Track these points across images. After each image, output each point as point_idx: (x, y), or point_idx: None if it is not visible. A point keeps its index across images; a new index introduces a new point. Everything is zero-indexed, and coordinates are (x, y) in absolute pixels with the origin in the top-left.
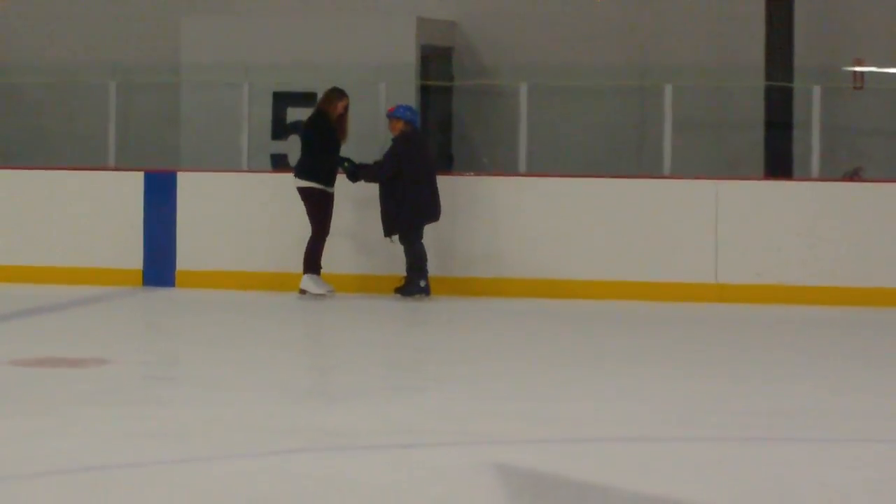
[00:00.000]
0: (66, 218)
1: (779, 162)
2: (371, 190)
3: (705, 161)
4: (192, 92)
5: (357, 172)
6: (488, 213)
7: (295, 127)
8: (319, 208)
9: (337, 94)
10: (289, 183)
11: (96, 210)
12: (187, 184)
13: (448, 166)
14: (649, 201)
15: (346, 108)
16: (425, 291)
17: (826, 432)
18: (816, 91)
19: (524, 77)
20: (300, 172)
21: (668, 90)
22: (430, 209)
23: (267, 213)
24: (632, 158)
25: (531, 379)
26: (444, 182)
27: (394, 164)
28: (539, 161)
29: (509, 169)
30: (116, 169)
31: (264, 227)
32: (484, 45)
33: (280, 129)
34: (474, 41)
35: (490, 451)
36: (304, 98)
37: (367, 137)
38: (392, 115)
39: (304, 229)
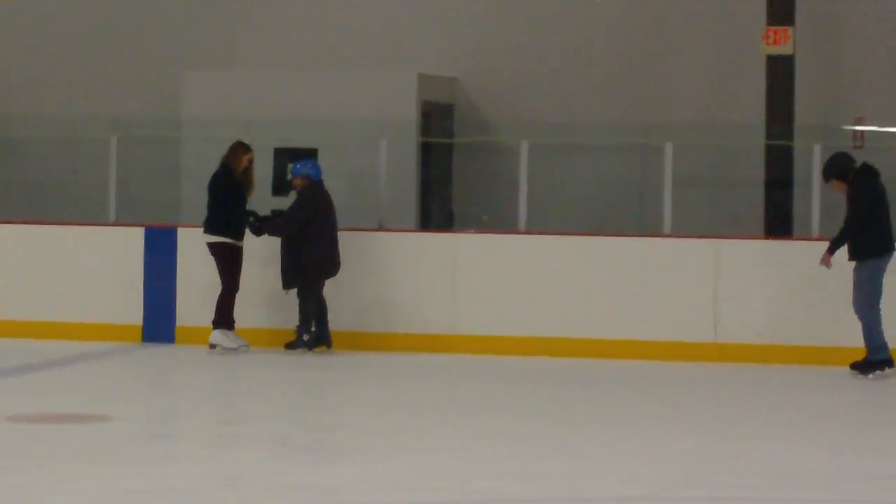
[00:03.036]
0: (66, 273)
1: (779, 221)
2: (275, 243)
3: (705, 219)
4: (193, 146)
5: (261, 227)
6: (492, 270)
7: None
8: (229, 263)
9: (241, 148)
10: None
11: (96, 265)
12: (188, 239)
13: (449, 223)
14: (649, 259)
15: (250, 162)
16: (307, 345)
17: (827, 493)
18: (817, 150)
19: (525, 134)
20: (208, 228)
21: (669, 148)
22: (328, 264)
23: (267, 270)
24: (632, 216)
25: (525, 437)
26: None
27: (299, 218)
28: (539, 218)
29: (509, 226)
30: (117, 224)
31: (262, 284)
32: (485, 102)
33: (281, 184)
34: (475, 98)
35: None
36: (306, 154)
37: (366, 193)
38: (292, 174)
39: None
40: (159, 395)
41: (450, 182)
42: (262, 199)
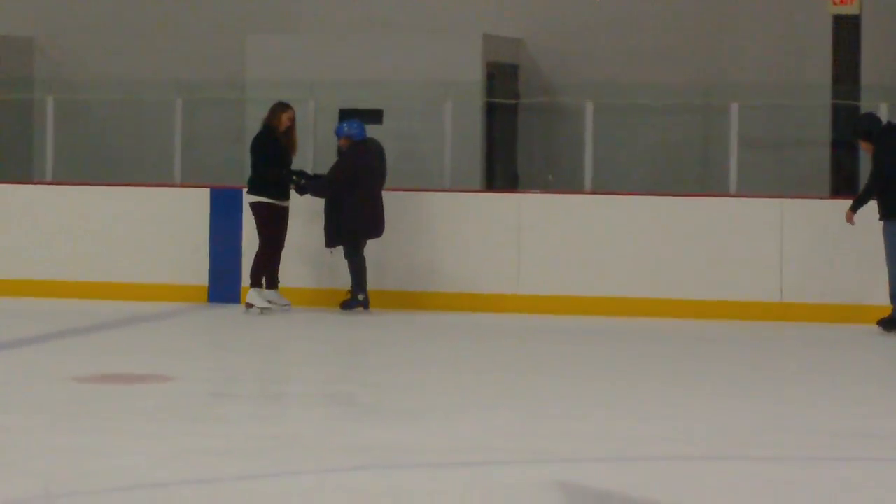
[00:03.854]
0: (132, 234)
1: (845, 180)
2: (320, 203)
3: (771, 179)
4: (257, 109)
5: (305, 186)
6: (557, 231)
7: None
8: (267, 223)
9: (281, 107)
10: None
11: (162, 227)
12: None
13: (514, 184)
14: (715, 219)
15: (292, 121)
16: (363, 305)
17: (889, 452)
18: (883, 109)
19: (590, 95)
20: (250, 188)
21: (735, 108)
22: (373, 224)
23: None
24: (697, 176)
25: (588, 398)
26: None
27: (340, 178)
28: (604, 178)
29: (575, 186)
30: (182, 185)
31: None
32: (549, 63)
33: None
34: (540, 59)
35: (556, 469)
36: (371, 115)
37: (431, 154)
38: (336, 134)
39: (375, 246)
40: (224, 356)
41: (515, 143)
42: (331, 159)
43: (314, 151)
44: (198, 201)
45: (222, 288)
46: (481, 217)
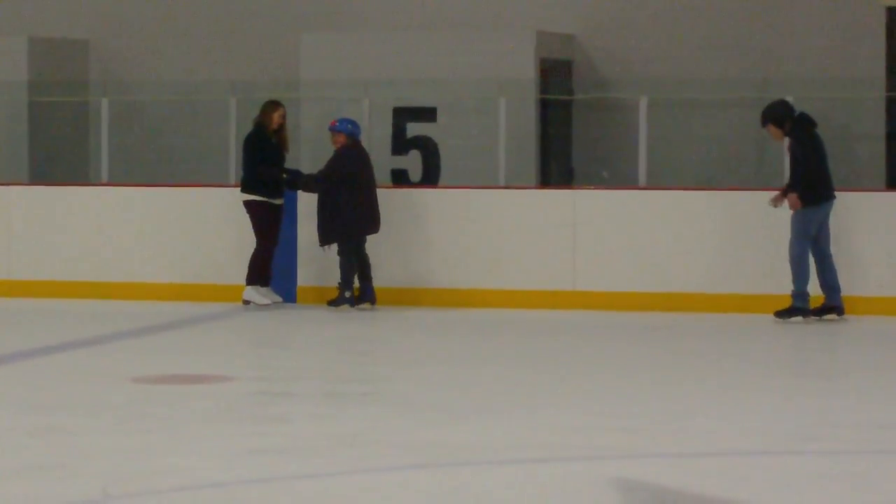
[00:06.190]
0: (188, 234)
1: None
2: (312, 202)
3: None
4: (312, 108)
5: (296, 181)
6: (612, 226)
7: (415, 142)
8: (262, 221)
9: (271, 105)
10: (411, 197)
11: (218, 226)
12: (308, 199)
13: (568, 180)
14: (770, 214)
15: (283, 118)
16: (349, 302)
17: None
18: None
19: (643, 90)
20: (243, 187)
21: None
22: (368, 221)
23: (390, 228)
24: (752, 170)
25: (643, 394)
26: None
27: (333, 174)
28: (659, 174)
29: (629, 182)
30: (237, 185)
31: (386, 242)
32: (603, 59)
33: (400, 144)
34: (593, 55)
35: (614, 465)
36: (425, 113)
37: (486, 151)
38: (333, 129)
39: (429, 244)
40: (280, 355)
41: (569, 139)
42: (385, 158)
43: (369, 149)
44: None
45: (278, 287)
46: (536, 214)
